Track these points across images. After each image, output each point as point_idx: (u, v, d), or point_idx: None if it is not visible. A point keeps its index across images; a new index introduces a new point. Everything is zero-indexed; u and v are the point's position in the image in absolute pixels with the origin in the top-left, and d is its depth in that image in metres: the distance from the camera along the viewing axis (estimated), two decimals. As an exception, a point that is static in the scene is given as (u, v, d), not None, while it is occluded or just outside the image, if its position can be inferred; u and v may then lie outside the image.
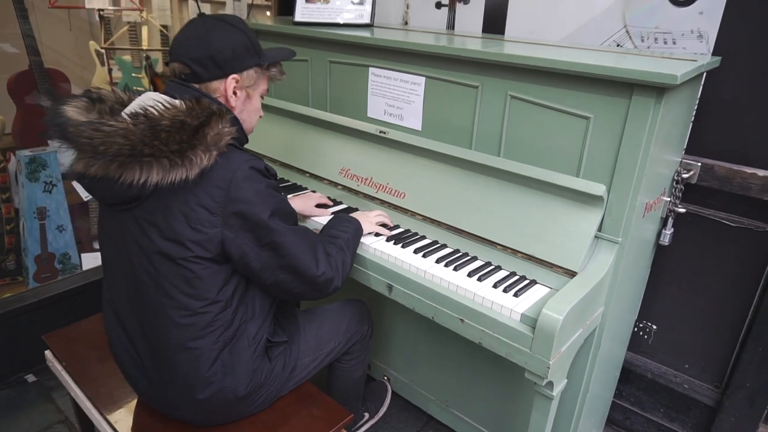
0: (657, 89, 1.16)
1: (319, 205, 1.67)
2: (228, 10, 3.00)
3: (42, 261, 2.46)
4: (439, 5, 2.01)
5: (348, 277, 1.40)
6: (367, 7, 1.87)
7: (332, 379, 1.63)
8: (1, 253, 2.52)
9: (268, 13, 2.93)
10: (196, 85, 1.18)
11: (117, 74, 3.22)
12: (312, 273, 1.21)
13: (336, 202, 1.73)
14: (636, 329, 1.87)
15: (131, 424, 1.29)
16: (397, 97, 1.67)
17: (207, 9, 3.30)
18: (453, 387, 1.85)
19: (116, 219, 1.16)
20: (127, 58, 3.40)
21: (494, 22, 1.89)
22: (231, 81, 1.20)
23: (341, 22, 1.89)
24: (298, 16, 1.88)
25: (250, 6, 2.84)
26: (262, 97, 1.31)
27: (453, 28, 1.99)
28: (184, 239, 1.09)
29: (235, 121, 1.18)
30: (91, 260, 2.57)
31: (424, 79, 1.58)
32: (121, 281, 1.20)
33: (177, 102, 1.09)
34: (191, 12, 3.40)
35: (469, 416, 1.84)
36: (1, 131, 2.69)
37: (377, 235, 1.53)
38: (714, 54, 1.49)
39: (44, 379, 2.15)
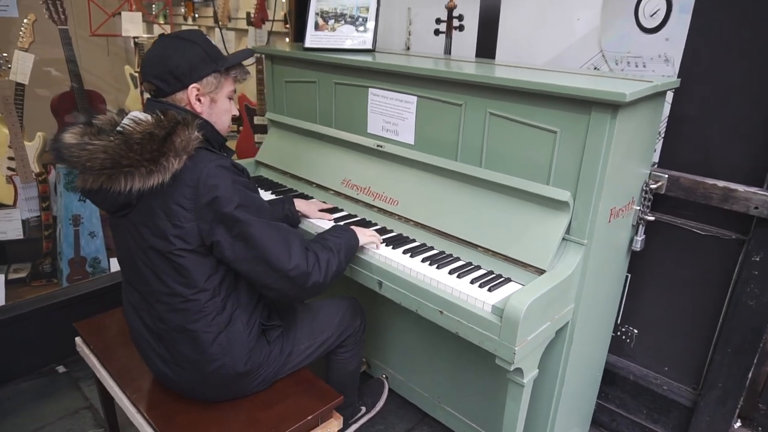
0: (612, 106, 1.31)
1: (322, 211, 1.85)
2: (250, 38, 3.25)
3: (75, 264, 2.69)
4: (437, 32, 2.19)
5: (343, 276, 1.56)
6: (370, 34, 2.07)
7: (329, 371, 1.78)
8: (39, 256, 2.75)
9: (287, 40, 3.17)
10: (164, 99, 1.34)
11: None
12: (283, 265, 1.31)
13: (338, 209, 1.91)
14: (618, 333, 1.98)
15: (147, 400, 1.47)
16: (393, 114, 1.85)
17: (231, 36, 3.56)
18: (445, 385, 1.98)
19: (119, 224, 1.35)
20: (159, 81, 3.67)
21: (486, 47, 2.07)
22: (192, 90, 1.34)
23: (346, 47, 2.09)
24: (308, 43, 2.09)
25: (270, 33, 3.09)
26: (230, 98, 1.44)
27: (450, 53, 2.17)
28: (167, 234, 1.26)
29: (205, 126, 1.33)
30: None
31: (416, 98, 1.76)
32: (131, 275, 1.39)
33: (148, 116, 1.25)
34: (217, 39, 3.67)
35: (459, 412, 1.96)
36: (44, 147, 2.96)
37: (388, 244, 1.67)
38: (679, 75, 1.63)
39: (73, 371, 2.36)
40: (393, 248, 1.65)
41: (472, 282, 1.46)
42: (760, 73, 1.51)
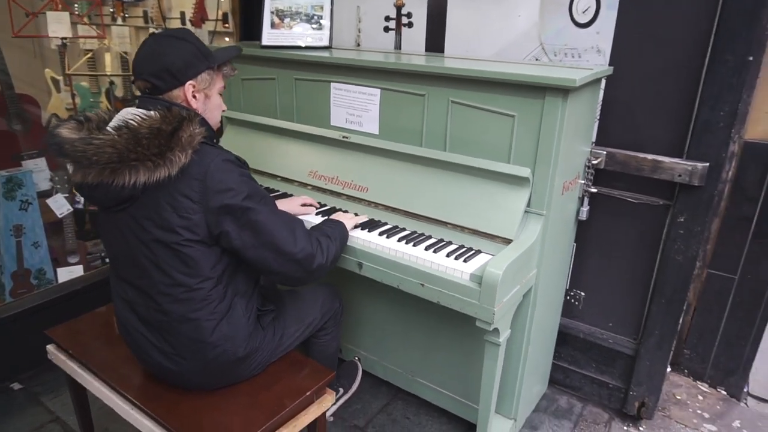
0: (563, 91, 1.49)
1: (304, 205, 1.90)
2: (189, 37, 3.21)
3: (18, 277, 2.56)
4: (387, 29, 2.32)
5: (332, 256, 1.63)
6: (326, 31, 2.16)
7: (311, 354, 1.85)
8: (-25, 271, 2.59)
9: (228, 39, 3.17)
10: (160, 96, 1.37)
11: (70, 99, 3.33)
12: (290, 249, 1.39)
13: (323, 205, 1.96)
14: (568, 297, 2.20)
15: (143, 394, 1.47)
16: (356, 106, 1.95)
17: (167, 36, 3.48)
18: (417, 359, 2.11)
19: (114, 219, 1.36)
20: (85, 84, 3.54)
21: (435, 42, 2.22)
22: (188, 87, 1.38)
23: (303, 45, 2.16)
24: (265, 41, 2.14)
25: (212, 33, 3.08)
26: (221, 95, 1.49)
27: (400, 48, 2.30)
28: (174, 226, 1.29)
29: (203, 122, 1.38)
30: (66, 274, 2.68)
31: (379, 90, 1.87)
32: (126, 270, 1.40)
33: (152, 113, 1.29)
34: (151, 39, 3.58)
35: (432, 382, 2.10)
36: (-30, 155, 2.77)
37: (363, 228, 1.77)
38: (610, 64, 1.85)
39: (30, 386, 2.26)
40: (369, 231, 1.75)
41: (447, 255, 1.60)
42: (675, 61, 1.76)
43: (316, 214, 1.88)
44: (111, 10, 3.53)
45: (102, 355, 1.62)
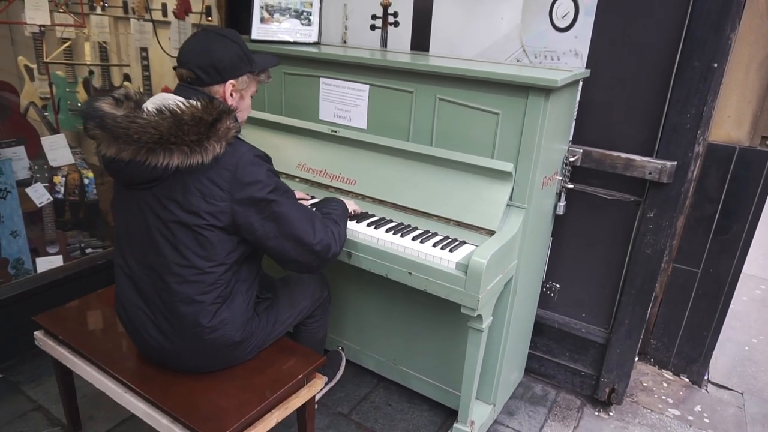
0: (545, 91, 1.58)
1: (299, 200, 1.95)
2: (173, 30, 3.20)
3: (-4, 266, 2.52)
4: (373, 27, 2.37)
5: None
6: (315, 28, 2.21)
7: (299, 341, 1.90)
8: (-49, 261, 2.54)
9: (211, 32, 3.17)
10: (200, 88, 1.44)
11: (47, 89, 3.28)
12: (309, 240, 1.48)
13: (312, 197, 2.01)
14: (544, 289, 2.30)
15: (137, 376, 1.50)
16: (345, 102, 2.00)
17: (148, 28, 3.47)
18: (400, 347, 2.18)
19: (135, 197, 1.40)
20: (60, 73, 3.49)
21: (420, 41, 2.29)
22: (229, 86, 1.47)
23: (292, 40, 2.20)
24: (255, 35, 2.18)
25: (196, 26, 3.08)
26: (251, 97, 1.59)
27: (386, 46, 2.36)
28: (200, 211, 1.36)
29: (236, 118, 1.45)
30: (46, 264, 2.65)
31: (368, 86, 1.93)
32: (137, 248, 1.43)
33: (194, 101, 1.35)
34: (132, 29, 3.55)
35: (414, 370, 2.17)
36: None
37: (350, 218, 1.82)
38: (587, 67, 1.96)
39: (10, 375, 2.24)
40: (357, 222, 1.81)
41: (434, 245, 1.67)
42: (647, 65, 1.87)
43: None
44: (91, -2, 3.49)
45: (93, 339, 1.64)
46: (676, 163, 1.85)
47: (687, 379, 2.51)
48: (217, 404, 1.42)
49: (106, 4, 3.60)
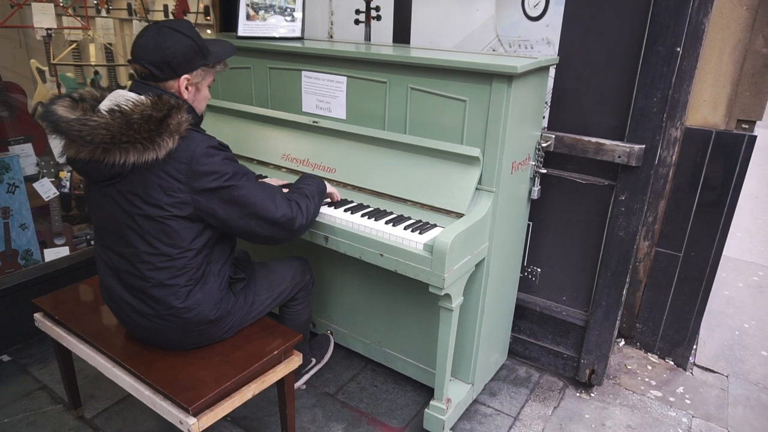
0: (507, 77, 1.64)
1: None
2: (172, 29, 3.32)
3: (6, 257, 2.67)
4: (357, 22, 2.45)
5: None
6: (298, 23, 2.29)
7: (283, 323, 1.99)
8: (-35, 252, 2.70)
9: (209, 32, 3.28)
10: (154, 84, 1.49)
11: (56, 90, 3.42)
12: (272, 215, 1.54)
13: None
14: (525, 273, 2.36)
15: (125, 353, 1.61)
16: (325, 93, 2.09)
17: (150, 28, 3.60)
18: (384, 330, 2.26)
19: (102, 192, 1.48)
20: (70, 74, 3.64)
21: (401, 34, 2.36)
22: (183, 80, 1.51)
23: (277, 35, 2.29)
24: (241, 32, 2.27)
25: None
26: (209, 87, 1.63)
27: (369, 40, 2.44)
28: (162, 204, 1.43)
29: (191, 109, 1.51)
30: (53, 255, 2.79)
31: (345, 78, 2.01)
32: (111, 239, 1.53)
33: (143, 98, 1.40)
34: (135, 30, 3.68)
35: (398, 351, 2.25)
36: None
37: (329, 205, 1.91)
38: (558, 55, 2.01)
39: (19, 358, 2.38)
40: (335, 208, 1.89)
41: (405, 228, 1.75)
42: (615, 52, 1.92)
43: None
44: (95, 1, 3.63)
45: (86, 320, 1.75)
46: (644, 146, 1.89)
47: (672, 362, 2.54)
48: (195, 377, 1.52)
49: (110, 7, 3.75)
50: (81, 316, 1.77)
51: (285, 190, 2.01)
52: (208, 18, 3.30)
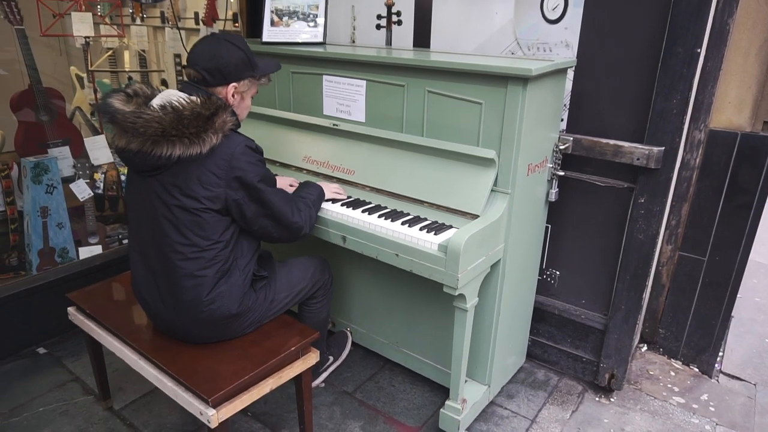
0: (522, 80, 1.66)
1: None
2: (201, 36, 3.44)
3: (44, 255, 2.80)
4: (378, 27, 2.50)
5: (312, 234, 1.87)
6: (320, 29, 2.35)
7: (302, 320, 2.04)
8: (6, 249, 2.84)
9: (237, 37, 3.38)
10: (204, 87, 1.63)
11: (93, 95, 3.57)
12: (288, 219, 1.69)
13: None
14: (544, 276, 2.36)
15: (150, 347, 1.68)
16: (345, 97, 2.14)
17: (178, 35, 3.72)
18: (402, 330, 2.28)
19: (144, 182, 1.59)
20: (107, 81, 3.79)
21: (421, 38, 2.39)
22: (231, 88, 1.66)
23: (300, 41, 2.35)
24: (265, 37, 2.34)
25: (222, 32, 3.29)
26: (252, 98, 1.77)
27: (390, 44, 2.48)
28: (198, 196, 1.54)
29: (233, 112, 1.63)
30: (87, 253, 2.92)
31: (365, 82, 2.06)
32: (146, 228, 1.62)
33: (193, 98, 1.53)
34: (166, 38, 3.82)
35: (415, 352, 2.27)
36: (1, 145, 3.04)
37: (334, 201, 1.98)
38: (577, 57, 2.01)
39: (54, 351, 2.50)
40: (353, 209, 1.94)
41: (420, 229, 1.77)
42: (634, 54, 1.91)
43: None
44: (130, 10, 3.78)
45: (116, 314, 1.84)
46: (663, 148, 1.88)
47: (696, 369, 2.49)
48: (215, 370, 1.57)
49: (144, 15, 3.90)
50: (111, 310, 1.86)
51: (294, 186, 2.10)
52: (237, 24, 3.40)
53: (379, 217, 1.87)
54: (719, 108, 2.15)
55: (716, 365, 2.49)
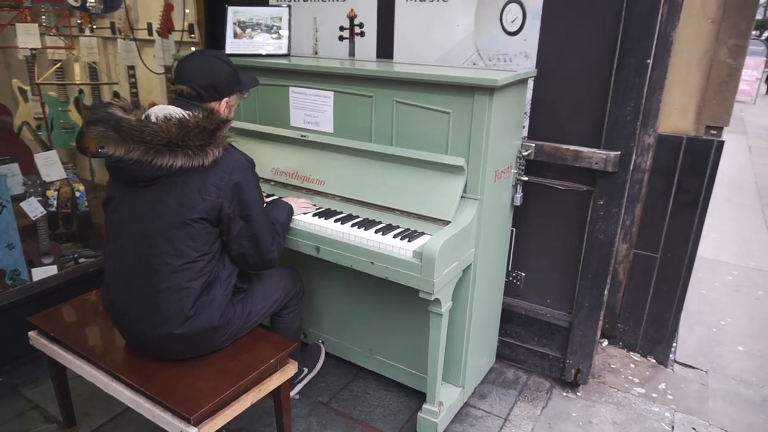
0: (489, 90, 1.72)
1: None
2: (157, 47, 3.36)
3: (-7, 277, 2.66)
4: (341, 38, 2.53)
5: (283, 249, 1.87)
6: (285, 41, 2.36)
7: (276, 332, 2.03)
8: (-49, 273, 2.68)
9: (193, 49, 3.33)
10: (197, 103, 1.65)
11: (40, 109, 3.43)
12: (266, 246, 1.71)
13: (271, 196, 2.16)
14: (510, 278, 2.43)
15: (124, 367, 1.62)
16: (313, 108, 2.15)
17: (134, 47, 3.63)
18: (375, 337, 2.30)
19: (134, 193, 1.58)
20: (53, 93, 3.65)
21: (385, 49, 2.44)
22: (224, 103, 1.74)
23: (264, 53, 2.35)
24: (229, 49, 2.33)
25: (179, 43, 3.24)
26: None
27: (353, 56, 2.51)
28: (195, 206, 1.55)
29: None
30: (41, 274, 2.78)
31: (333, 93, 2.08)
32: (129, 242, 1.59)
33: (197, 113, 1.56)
34: (119, 49, 3.71)
35: (389, 358, 2.30)
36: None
37: (305, 213, 1.99)
38: (536, 68, 2.10)
39: (9, 379, 2.37)
40: (325, 219, 1.95)
41: (394, 237, 1.81)
42: (590, 64, 2.02)
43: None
44: (79, 21, 3.66)
45: (83, 336, 1.77)
46: (619, 152, 1.99)
47: (654, 360, 2.63)
48: (194, 387, 1.55)
49: (94, 26, 3.78)
50: (77, 332, 1.79)
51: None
52: (193, 36, 3.35)
53: (352, 226, 1.89)
54: (666, 114, 2.29)
55: (671, 355, 2.64)
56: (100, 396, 1.65)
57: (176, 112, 1.57)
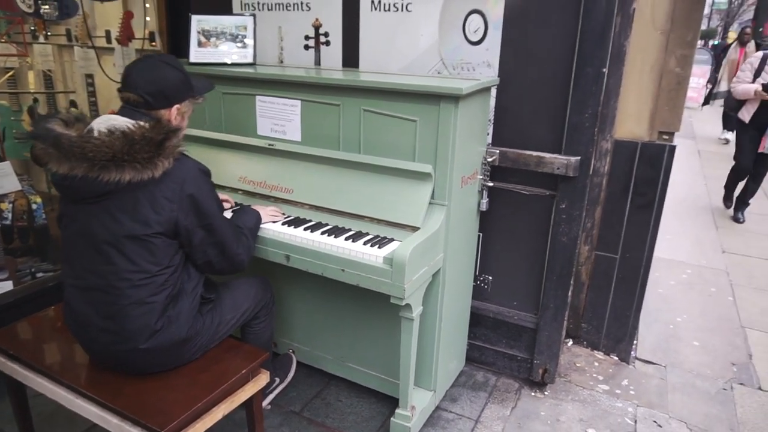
0: (454, 98, 1.77)
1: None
2: (117, 56, 3.29)
3: (-56, 295, 2.54)
4: (306, 47, 2.54)
5: (253, 256, 1.85)
6: (250, 50, 2.35)
7: (246, 341, 2.01)
8: None
9: (155, 57, 3.27)
10: (145, 111, 1.58)
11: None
12: (233, 250, 1.69)
13: (238, 204, 2.15)
14: (478, 282, 2.48)
15: (90, 384, 1.58)
16: (280, 117, 2.15)
17: (92, 55, 3.54)
18: (347, 345, 2.31)
19: (84, 211, 1.51)
20: (4, 102, 3.52)
21: (350, 58, 2.46)
22: (174, 110, 1.64)
23: (229, 62, 2.34)
24: (193, 58, 2.30)
25: (139, 51, 3.18)
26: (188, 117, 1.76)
27: (319, 65, 2.52)
28: (150, 221, 1.49)
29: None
30: (-4, 290, 2.67)
31: (300, 102, 2.09)
32: (87, 258, 1.53)
33: (140, 122, 1.49)
34: (76, 57, 3.61)
35: (361, 365, 2.30)
36: None
37: (273, 222, 1.99)
38: (498, 76, 2.16)
39: (-37, 401, 2.26)
40: (294, 227, 1.95)
41: (364, 243, 1.82)
42: (549, 73, 2.09)
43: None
44: (32, 28, 3.54)
45: (42, 352, 1.72)
46: (579, 158, 2.07)
47: (616, 358, 2.72)
48: (164, 400, 1.52)
49: (49, 33, 3.66)
50: (37, 348, 1.73)
51: (228, 202, 2.10)
52: (154, 44, 3.29)
53: (322, 234, 1.90)
54: (622, 120, 2.40)
55: (632, 352, 2.74)
56: (62, 414, 1.59)
57: (121, 123, 1.48)
